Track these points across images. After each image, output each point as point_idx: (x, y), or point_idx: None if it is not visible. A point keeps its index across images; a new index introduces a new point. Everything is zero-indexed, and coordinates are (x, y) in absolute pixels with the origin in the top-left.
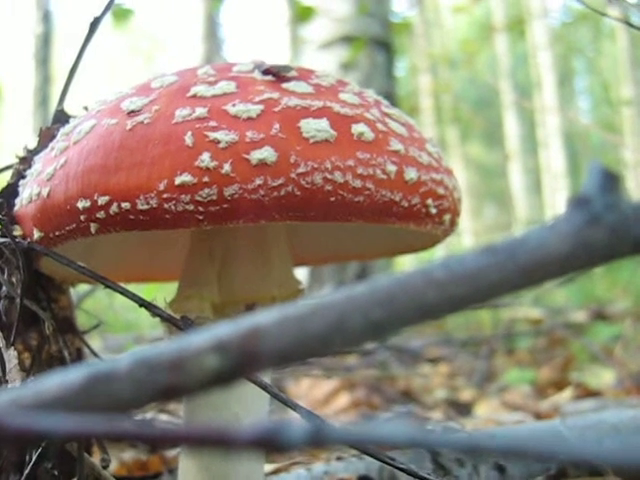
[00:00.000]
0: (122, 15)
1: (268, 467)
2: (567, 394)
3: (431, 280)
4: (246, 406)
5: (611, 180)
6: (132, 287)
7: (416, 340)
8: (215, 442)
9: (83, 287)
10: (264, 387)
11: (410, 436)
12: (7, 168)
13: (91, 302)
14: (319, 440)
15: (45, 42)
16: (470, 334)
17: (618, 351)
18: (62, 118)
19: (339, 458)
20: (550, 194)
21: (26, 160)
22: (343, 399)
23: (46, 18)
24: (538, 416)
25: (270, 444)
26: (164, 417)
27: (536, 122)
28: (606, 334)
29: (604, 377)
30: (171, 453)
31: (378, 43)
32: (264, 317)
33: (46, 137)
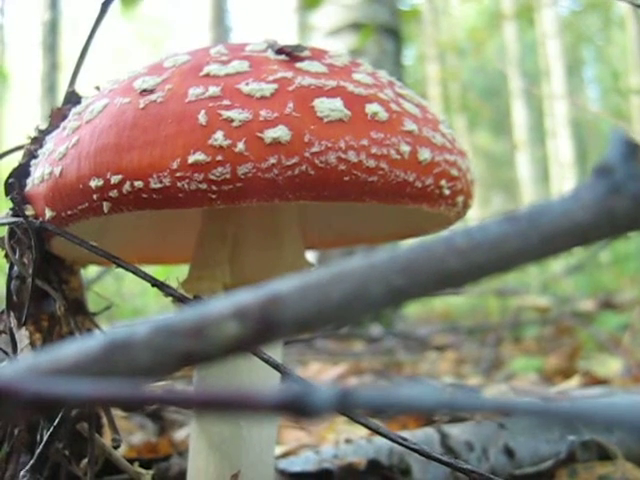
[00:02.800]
0: (130, 1)
1: (277, 450)
2: (574, 382)
3: (452, 247)
4: (258, 380)
5: (633, 150)
6: (143, 269)
7: (423, 327)
8: (239, 406)
9: (91, 272)
10: (276, 367)
11: (438, 399)
12: (18, 148)
13: (99, 288)
14: (346, 404)
15: (52, 29)
16: (477, 322)
17: (626, 340)
18: (73, 99)
19: (348, 441)
20: (558, 183)
21: (37, 140)
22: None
23: (53, 5)
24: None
25: (296, 408)
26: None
27: (544, 111)
28: (613, 323)
29: (611, 366)
30: (180, 435)
31: (386, 30)
32: (284, 284)
33: (57, 117)
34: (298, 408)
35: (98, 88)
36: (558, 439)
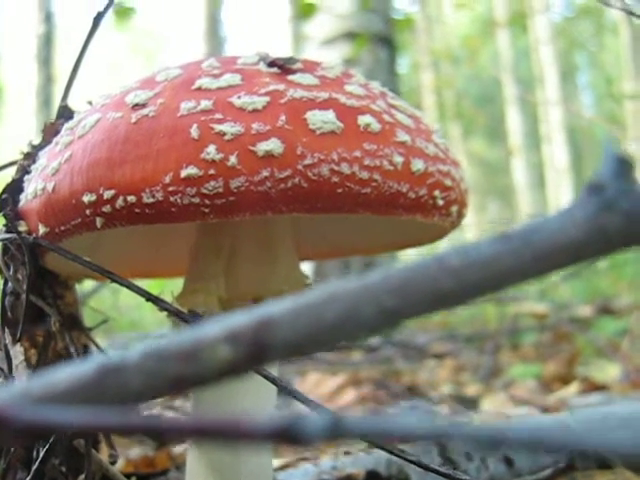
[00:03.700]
0: (124, 14)
1: (276, 462)
2: (573, 388)
3: (445, 267)
4: (254, 402)
5: (625, 166)
6: (137, 283)
7: (421, 336)
8: (231, 435)
9: (87, 286)
10: (273, 381)
11: (429, 429)
12: (11, 164)
13: (95, 301)
14: (338, 432)
15: (47, 42)
16: (475, 329)
17: (625, 345)
18: (66, 113)
19: (347, 453)
20: (554, 189)
21: (30, 156)
22: (349, 395)
23: (48, 19)
24: (545, 410)
25: (288, 437)
26: (170, 414)
27: (539, 117)
28: (611, 329)
29: (610, 371)
30: (178, 449)
31: (380, 39)
32: (276, 307)
33: (50, 132)
34: (290, 437)
35: (90, 103)
36: None
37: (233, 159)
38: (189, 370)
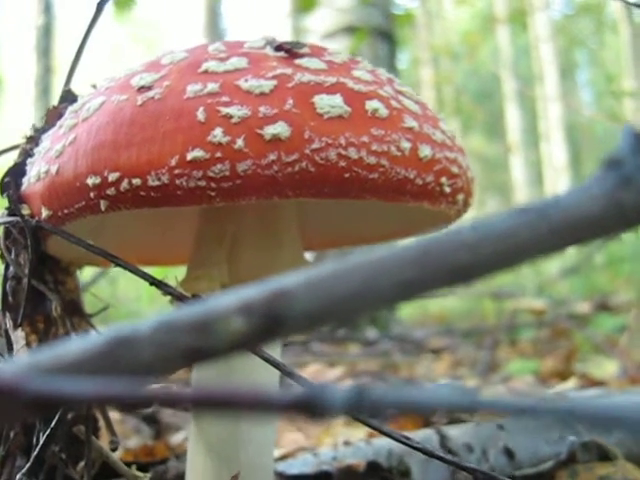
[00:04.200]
0: (124, 4)
1: (275, 453)
2: (571, 384)
3: (462, 241)
4: (256, 382)
5: None
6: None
7: (418, 330)
8: (250, 405)
9: (85, 276)
10: (276, 364)
11: (454, 399)
12: (13, 148)
13: (93, 292)
14: (361, 404)
15: (46, 33)
16: (473, 325)
17: (622, 342)
18: (69, 97)
19: (347, 443)
20: (552, 186)
21: (33, 139)
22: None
23: (47, 10)
24: None
25: (309, 408)
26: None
27: (538, 114)
28: (609, 325)
29: (607, 367)
30: (177, 439)
31: (381, 34)
32: (291, 279)
33: (53, 116)
34: (311, 408)
35: (95, 86)
36: (558, 440)
37: (240, 142)
38: (201, 342)
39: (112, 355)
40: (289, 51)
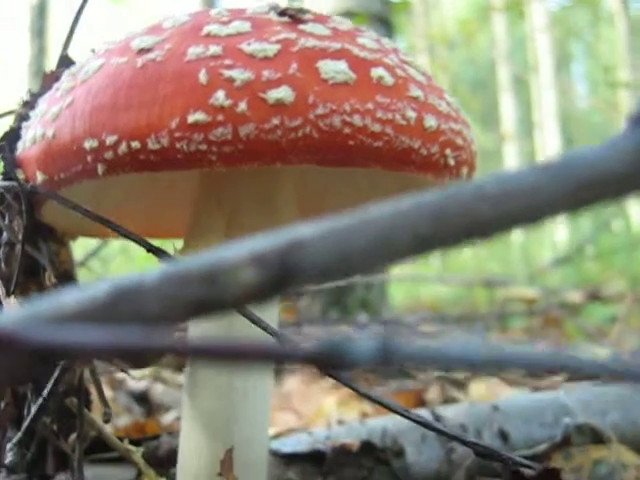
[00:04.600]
0: None
1: (269, 431)
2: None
3: (483, 195)
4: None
5: None
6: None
7: (410, 316)
8: (273, 356)
9: (77, 255)
10: (271, 332)
11: (486, 356)
12: (9, 113)
13: (85, 271)
14: (386, 357)
15: (40, 13)
16: (464, 312)
17: (615, 331)
18: (67, 63)
19: (340, 423)
20: None
21: (29, 104)
22: None
23: None
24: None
25: (333, 359)
26: (159, 386)
27: (533, 104)
28: (601, 315)
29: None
30: (167, 419)
31: (379, 20)
32: (306, 230)
33: (50, 80)
34: (334, 360)
35: (93, 51)
36: (552, 423)
37: (243, 105)
38: (210, 294)
39: (115, 306)
40: (293, 16)
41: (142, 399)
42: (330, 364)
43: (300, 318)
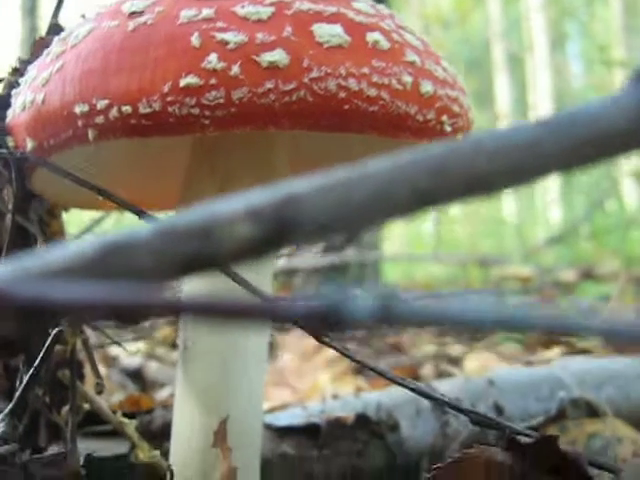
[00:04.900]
0: None
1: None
2: (555, 352)
3: (482, 149)
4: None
5: None
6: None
7: (404, 294)
8: (271, 314)
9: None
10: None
11: (495, 315)
12: None
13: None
14: (387, 315)
15: None
16: (459, 291)
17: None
18: (57, 30)
19: (335, 397)
20: None
21: (19, 71)
22: (332, 350)
23: None
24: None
25: (333, 317)
26: (153, 363)
27: (527, 84)
28: (594, 293)
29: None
30: (161, 395)
31: None
32: (303, 184)
33: (40, 47)
34: (334, 317)
35: (84, 16)
36: (547, 397)
37: (236, 69)
38: (205, 249)
39: (106, 262)
40: None
41: (136, 376)
42: (331, 322)
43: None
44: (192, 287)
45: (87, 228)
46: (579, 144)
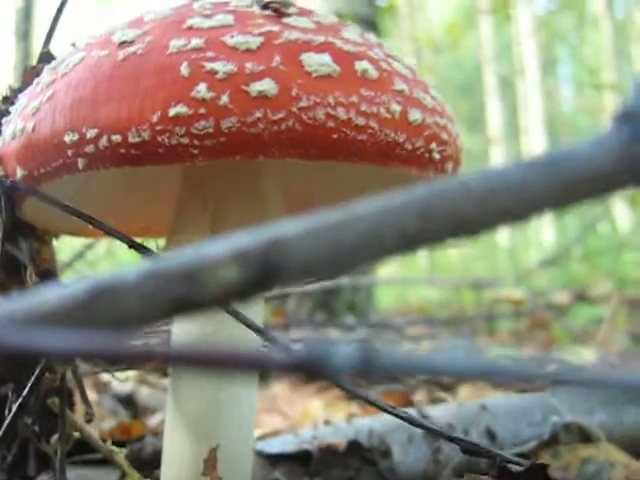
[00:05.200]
0: None
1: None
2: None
3: (469, 192)
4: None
5: None
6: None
7: (397, 318)
8: (250, 364)
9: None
10: (257, 330)
11: (470, 366)
12: None
13: (71, 273)
14: (368, 366)
15: (26, 17)
16: (452, 314)
17: (601, 332)
18: (48, 58)
19: (327, 423)
20: None
21: (9, 99)
22: None
23: None
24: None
25: (313, 368)
26: (145, 389)
27: (519, 108)
28: (587, 315)
29: (585, 355)
30: (153, 422)
31: (366, 23)
32: (289, 226)
33: (31, 75)
34: (314, 368)
35: (74, 45)
36: (540, 422)
37: (225, 98)
38: (192, 292)
39: (93, 305)
40: (277, 10)
41: (128, 402)
42: (312, 373)
43: (287, 320)
44: (181, 328)
45: (78, 254)
46: (565, 186)
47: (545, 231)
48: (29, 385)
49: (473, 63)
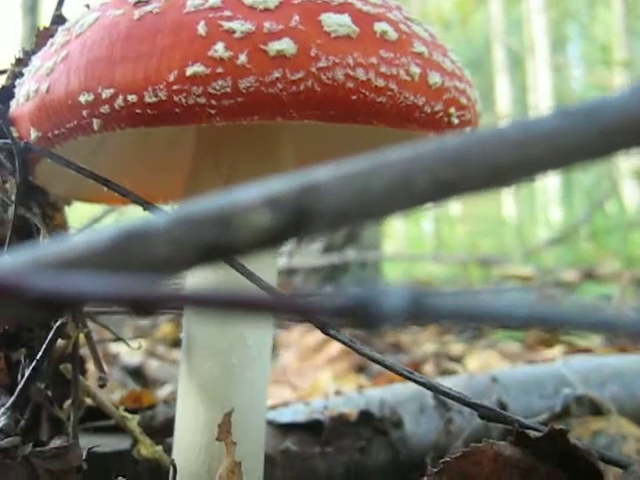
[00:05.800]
0: None
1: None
2: (556, 351)
3: (505, 140)
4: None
5: None
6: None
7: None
8: (301, 310)
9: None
10: (266, 288)
11: (529, 312)
12: (2, 72)
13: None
14: (421, 310)
15: None
16: (459, 291)
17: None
18: (60, 21)
19: (338, 393)
20: None
21: (22, 61)
22: (334, 348)
23: None
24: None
25: (364, 312)
26: (154, 361)
27: (528, 86)
28: (595, 293)
29: (592, 336)
30: (162, 393)
31: None
32: (322, 173)
33: (44, 37)
34: (365, 313)
35: (88, 6)
36: (551, 394)
37: (243, 58)
38: (223, 238)
39: (122, 250)
40: None
41: (137, 374)
42: (362, 318)
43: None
44: (196, 281)
45: (89, 223)
46: (602, 134)
47: (553, 209)
48: (42, 350)
49: (482, 40)
